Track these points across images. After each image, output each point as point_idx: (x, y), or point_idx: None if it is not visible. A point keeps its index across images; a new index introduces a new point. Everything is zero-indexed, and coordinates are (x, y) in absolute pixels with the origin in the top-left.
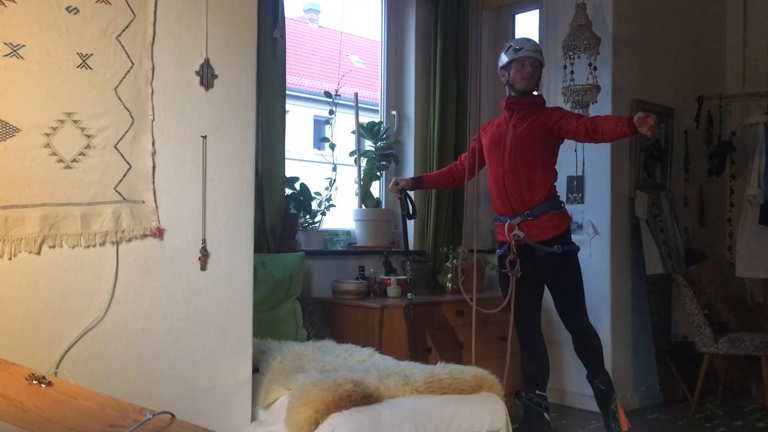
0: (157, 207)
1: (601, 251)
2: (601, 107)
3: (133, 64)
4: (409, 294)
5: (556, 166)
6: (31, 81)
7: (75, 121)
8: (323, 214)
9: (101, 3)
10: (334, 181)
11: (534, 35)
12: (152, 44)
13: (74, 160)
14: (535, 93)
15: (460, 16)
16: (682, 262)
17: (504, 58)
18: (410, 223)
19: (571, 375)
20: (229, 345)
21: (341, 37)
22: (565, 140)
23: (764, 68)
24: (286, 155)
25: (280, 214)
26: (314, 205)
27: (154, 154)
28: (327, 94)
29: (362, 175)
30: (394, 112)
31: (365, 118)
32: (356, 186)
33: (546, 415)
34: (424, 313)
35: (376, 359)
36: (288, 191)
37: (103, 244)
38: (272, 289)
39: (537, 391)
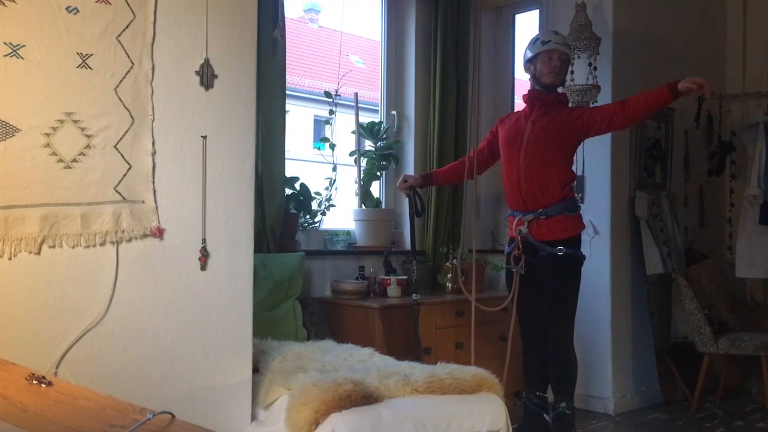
0: (157, 207)
1: (601, 251)
2: None
3: (133, 64)
4: (414, 295)
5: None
6: (31, 81)
7: (75, 121)
8: (323, 214)
9: (101, 3)
10: (334, 181)
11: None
12: (152, 44)
13: (74, 160)
14: (561, 90)
15: (460, 16)
16: (682, 262)
17: (530, 51)
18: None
19: None
20: (229, 345)
21: (341, 37)
22: None
23: (764, 68)
24: (286, 155)
25: (280, 214)
26: (314, 205)
27: (154, 154)
28: (327, 94)
29: (362, 175)
30: (394, 112)
31: (365, 118)
32: (356, 186)
33: (546, 416)
34: (424, 312)
35: (376, 359)
36: (288, 191)
37: (103, 244)
38: (272, 289)
39: (537, 393)
